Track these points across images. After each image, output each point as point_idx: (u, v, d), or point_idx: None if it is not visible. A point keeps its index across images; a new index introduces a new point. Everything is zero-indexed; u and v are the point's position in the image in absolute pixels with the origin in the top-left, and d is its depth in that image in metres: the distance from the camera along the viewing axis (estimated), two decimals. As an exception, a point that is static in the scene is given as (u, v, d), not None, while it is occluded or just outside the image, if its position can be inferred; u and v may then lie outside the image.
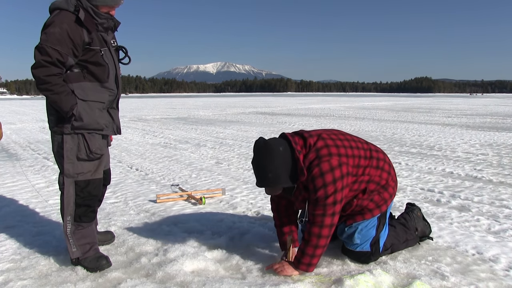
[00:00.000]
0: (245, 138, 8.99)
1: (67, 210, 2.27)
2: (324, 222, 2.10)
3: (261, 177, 2.13)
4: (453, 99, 53.00)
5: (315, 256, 2.14)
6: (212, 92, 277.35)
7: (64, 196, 2.27)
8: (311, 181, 2.12)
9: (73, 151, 2.22)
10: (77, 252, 2.30)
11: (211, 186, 4.47)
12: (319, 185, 2.09)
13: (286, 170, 2.12)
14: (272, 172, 2.09)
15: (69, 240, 2.30)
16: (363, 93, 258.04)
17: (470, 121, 13.35)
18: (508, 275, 2.20)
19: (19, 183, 4.71)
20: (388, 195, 2.38)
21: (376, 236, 2.35)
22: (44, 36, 2.09)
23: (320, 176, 2.09)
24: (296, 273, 2.18)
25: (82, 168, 2.25)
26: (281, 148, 2.13)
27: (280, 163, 2.10)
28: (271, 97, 79.12)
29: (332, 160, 2.12)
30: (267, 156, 2.11)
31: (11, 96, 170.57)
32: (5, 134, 10.35)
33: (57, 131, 2.23)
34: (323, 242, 2.13)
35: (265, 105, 29.09)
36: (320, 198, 2.09)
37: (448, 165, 5.47)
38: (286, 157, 2.13)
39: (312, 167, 2.12)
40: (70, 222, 2.28)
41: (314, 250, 2.13)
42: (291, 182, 2.15)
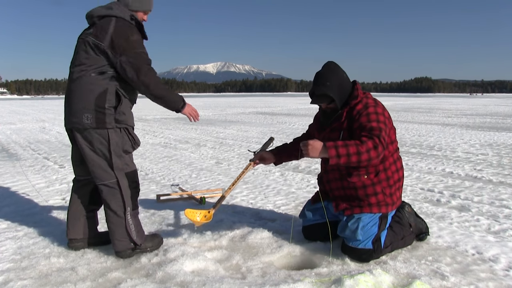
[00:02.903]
0: (245, 138, 8.99)
1: (128, 202, 2.40)
2: (378, 146, 2.20)
3: (320, 83, 2.44)
4: (453, 99, 53.00)
5: (346, 156, 2.16)
6: (212, 92, 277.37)
7: (122, 190, 2.37)
8: (365, 115, 2.35)
9: (118, 145, 2.35)
10: (138, 239, 2.44)
11: (211, 186, 4.47)
12: (373, 119, 2.33)
13: (342, 89, 2.44)
14: (331, 82, 2.42)
15: (131, 230, 2.41)
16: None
17: (470, 121, 13.36)
18: (508, 275, 2.20)
19: (19, 183, 4.71)
20: (391, 201, 2.47)
21: (378, 234, 2.38)
22: (132, 44, 2.26)
23: (375, 113, 2.36)
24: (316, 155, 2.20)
25: (127, 160, 2.43)
26: (345, 75, 2.50)
27: (340, 81, 2.45)
28: (271, 97, 79.12)
29: (385, 113, 2.43)
30: (333, 71, 2.47)
31: (11, 96, 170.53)
32: (5, 134, 10.35)
33: (99, 127, 2.28)
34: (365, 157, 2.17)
35: (265, 105, 29.10)
36: (375, 128, 2.28)
37: (448, 165, 5.47)
38: (346, 83, 2.49)
39: (368, 106, 2.40)
40: (130, 213, 2.41)
41: (354, 153, 2.17)
42: (340, 101, 2.44)
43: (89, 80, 2.28)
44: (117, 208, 2.39)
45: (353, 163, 2.19)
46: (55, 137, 9.55)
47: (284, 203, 3.65)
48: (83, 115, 2.27)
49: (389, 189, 2.45)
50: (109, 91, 2.29)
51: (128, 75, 2.26)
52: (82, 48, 2.32)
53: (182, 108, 2.45)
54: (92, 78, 2.28)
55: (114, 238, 2.42)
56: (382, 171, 2.43)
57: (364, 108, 2.39)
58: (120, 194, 2.38)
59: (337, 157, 2.16)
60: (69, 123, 2.37)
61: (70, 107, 2.35)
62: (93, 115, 2.27)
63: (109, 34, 2.24)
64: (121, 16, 2.31)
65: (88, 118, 2.27)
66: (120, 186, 2.37)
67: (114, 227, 2.41)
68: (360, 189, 2.41)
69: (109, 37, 2.24)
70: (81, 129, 2.31)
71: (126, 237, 2.41)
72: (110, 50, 2.24)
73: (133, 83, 2.30)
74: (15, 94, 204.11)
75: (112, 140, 2.32)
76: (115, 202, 2.39)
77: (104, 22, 2.29)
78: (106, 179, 2.36)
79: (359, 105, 2.41)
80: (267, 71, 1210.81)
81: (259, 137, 9.15)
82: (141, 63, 2.27)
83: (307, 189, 4.17)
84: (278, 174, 5.03)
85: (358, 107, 2.41)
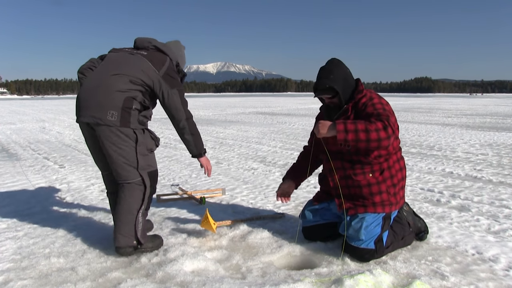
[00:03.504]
0: (245, 138, 9.00)
1: (145, 201, 2.46)
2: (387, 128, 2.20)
3: (324, 76, 2.46)
4: (453, 99, 53.00)
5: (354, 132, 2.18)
6: (212, 92, 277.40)
7: (146, 188, 2.44)
8: (371, 105, 2.38)
9: (143, 145, 2.43)
10: (142, 238, 2.47)
11: (211, 186, 4.47)
12: (380, 108, 2.36)
13: (346, 83, 2.47)
14: (334, 75, 2.44)
15: (138, 229, 2.44)
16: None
17: (470, 121, 13.36)
18: (508, 275, 2.20)
19: (19, 183, 4.71)
20: (395, 200, 2.48)
21: (381, 234, 2.38)
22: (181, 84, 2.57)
23: (381, 104, 2.40)
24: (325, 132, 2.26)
25: (151, 159, 2.50)
26: (348, 71, 2.53)
27: (344, 75, 2.48)
28: (271, 97, 79.12)
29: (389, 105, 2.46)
30: (337, 65, 2.50)
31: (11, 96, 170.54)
32: (5, 134, 10.35)
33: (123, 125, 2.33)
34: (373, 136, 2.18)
35: (265, 105, 29.10)
36: (383, 114, 2.29)
37: (448, 165, 5.47)
38: (350, 78, 2.52)
39: (373, 97, 2.44)
40: (142, 212, 2.46)
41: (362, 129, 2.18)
42: (344, 95, 2.46)
43: (121, 85, 2.36)
44: (133, 205, 2.42)
45: (361, 141, 2.18)
46: (55, 137, 9.55)
47: (284, 203, 3.65)
48: (107, 111, 2.30)
49: (393, 188, 2.46)
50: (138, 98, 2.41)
51: (175, 103, 2.47)
52: (131, 61, 2.45)
53: (203, 155, 2.65)
54: (125, 84, 2.37)
55: (118, 233, 2.42)
56: (387, 169, 2.43)
57: (369, 100, 2.42)
58: (143, 193, 2.44)
59: (344, 131, 2.17)
60: (88, 117, 2.35)
61: (93, 101, 2.34)
62: (118, 113, 2.31)
63: (165, 68, 2.47)
64: (172, 59, 2.59)
65: (114, 116, 2.30)
66: (145, 185, 2.44)
67: (123, 223, 2.42)
68: (365, 187, 2.41)
69: (164, 71, 2.47)
70: (102, 125, 2.31)
71: (132, 234, 2.42)
72: (163, 80, 2.45)
73: (176, 111, 2.48)
74: (15, 94, 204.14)
75: (139, 140, 2.39)
76: (134, 200, 2.42)
77: (160, 55, 2.52)
78: (130, 178, 2.41)
79: (364, 99, 2.44)
80: (267, 71, 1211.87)
81: (259, 137, 9.15)
82: (186, 101, 2.55)
83: (307, 189, 4.17)
84: (278, 174, 5.03)
85: (363, 100, 2.44)
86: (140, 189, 2.43)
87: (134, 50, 2.56)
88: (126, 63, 2.44)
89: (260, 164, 5.73)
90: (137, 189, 2.42)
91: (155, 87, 2.45)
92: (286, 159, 6.13)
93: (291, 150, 6.97)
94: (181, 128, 2.53)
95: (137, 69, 2.41)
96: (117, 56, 2.52)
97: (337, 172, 2.49)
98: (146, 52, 2.52)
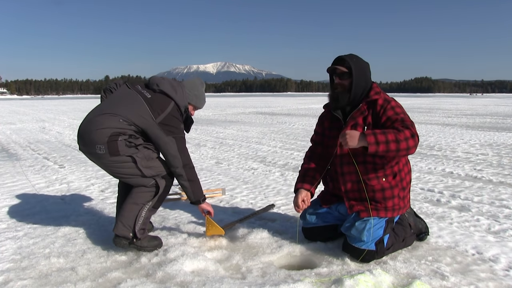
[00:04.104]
0: (245, 138, 8.99)
1: (154, 199, 2.50)
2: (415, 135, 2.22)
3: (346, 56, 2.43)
4: (453, 99, 53.01)
5: (385, 143, 2.14)
6: (212, 92, 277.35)
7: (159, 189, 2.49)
8: (391, 108, 2.35)
9: (143, 159, 2.43)
10: (139, 233, 2.48)
11: (211, 186, 4.47)
12: (399, 112, 2.34)
13: (362, 75, 2.43)
14: (354, 61, 2.41)
15: (138, 222, 2.47)
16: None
17: (470, 121, 13.36)
18: (508, 275, 2.20)
19: (19, 183, 4.71)
20: (403, 205, 2.49)
21: (382, 236, 2.38)
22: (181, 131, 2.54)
23: (399, 107, 2.38)
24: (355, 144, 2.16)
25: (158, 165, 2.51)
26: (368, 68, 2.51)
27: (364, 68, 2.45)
28: (271, 97, 79.13)
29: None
30: (357, 57, 2.47)
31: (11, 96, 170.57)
32: (5, 134, 10.35)
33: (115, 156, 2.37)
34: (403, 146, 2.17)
35: (265, 105, 29.10)
36: (405, 119, 2.30)
37: (448, 165, 5.47)
38: (368, 75, 2.48)
39: (389, 100, 2.41)
40: (148, 208, 2.50)
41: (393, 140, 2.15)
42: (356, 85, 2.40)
43: (112, 124, 2.37)
44: (142, 198, 2.48)
45: (391, 151, 2.15)
46: (55, 137, 9.55)
47: (284, 203, 3.65)
48: (95, 146, 2.37)
49: (402, 192, 2.46)
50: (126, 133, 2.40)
51: (170, 151, 2.46)
52: (130, 103, 2.45)
53: (203, 201, 2.64)
54: (115, 123, 2.38)
55: (119, 220, 2.47)
56: (398, 173, 2.42)
57: (386, 102, 2.38)
58: (156, 191, 2.50)
59: (376, 144, 2.12)
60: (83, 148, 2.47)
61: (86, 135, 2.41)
62: (105, 146, 2.35)
63: (164, 115, 2.45)
64: (179, 104, 2.55)
65: (101, 149, 2.37)
66: (158, 185, 2.49)
67: (127, 212, 2.47)
68: (378, 192, 2.39)
69: (162, 118, 2.45)
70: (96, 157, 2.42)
71: (131, 225, 2.46)
72: (159, 127, 2.44)
73: (173, 158, 2.48)
74: (15, 94, 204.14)
75: (136, 158, 2.41)
76: (145, 194, 2.48)
77: (163, 100, 2.49)
78: (146, 184, 2.48)
79: (380, 100, 2.39)
80: (267, 71, 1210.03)
81: (259, 137, 9.15)
82: (185, 147, 2.54)
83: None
84: (278, 174, 5.03)
85: (379, 101, 2.38)
86: (154, 188, 2.50)
87: (144, 89, 2.56)
88: (125, 104, 2.45)
89: (260, 164, 5.73)
90: (151, 189, 2.50)
91: (149, 132, 2.46)
92: (286, 159, 6.13)
93: (291, 150, 6.97)
94: (178, 175, 2.54)
95: (132, 112, 2.41)
96: (122, 93, 2.55)
97: (350, 176, 2.46)
98: (151, 94, 2.51)
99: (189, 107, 2.69)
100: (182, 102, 2.58)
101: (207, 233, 2.72)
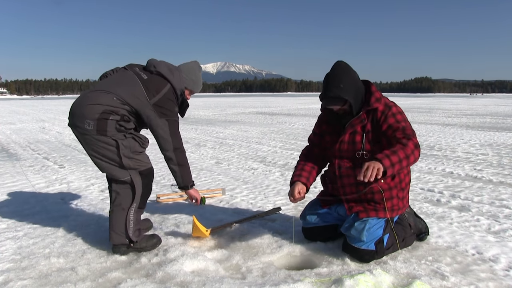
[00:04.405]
0: (245, 138, 8.99)
1: (136, 199, 2.47)
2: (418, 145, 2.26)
3: (333, 85, 2.31)
4: (453, 99, 53.00)
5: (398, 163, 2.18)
6: (212, 92, 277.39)
7: (135, 187, 2.45)
8: (392, 116, 2.33)
9: (127, 148, 2.41)
10: (133, 236, 2.48)
11: (211, 186, 4.47)
12: (401, 119, 2.33)
13: (356, 90, 2.34)
14: (345, 84, 2.30)
15: (129, 227, 2.46)
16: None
17: (470, 121, 13.35)
18: (508, 275, 2.20)
19: (19, 183, 4.71)
20: (402, 205, 2.50)
21: (382, 236, 2.38)
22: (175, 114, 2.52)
23: (401, 113, 2.37)
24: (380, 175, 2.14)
25: (140, 159, 2.50)
26: (357, 75, 2.39)
27: (353, 81, 2.34)
28: (271, 97, 79.13)
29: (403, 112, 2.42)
30: (345, 71, 2.34)
31: (11, 96, 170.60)
32: (5, 134, 10.35)
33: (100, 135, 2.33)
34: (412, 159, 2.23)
35: (265, 105, 29.09)
36: (407, 127, 2.30)
37: (448, 165, 5.47)
38: (360, 84, 2.39)
39: (390, 105, 2.38)
40: (134, 210, 2.48)
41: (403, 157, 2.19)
42: (355, 104, 2.35)
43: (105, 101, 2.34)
44: (124, 202, 2.45)
45: (404, 167, 2.22)
46: (55, 137, 9.55)
47: (284, 203, 3.65)
48: (85, 120, 2.32)
49: (401, 193, 2.46)
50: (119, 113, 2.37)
51: (162, 133, 2.47)
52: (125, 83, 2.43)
53: (191, 187, 2.65)
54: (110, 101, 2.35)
55: (112, 230, 2.46)
56: (397, 174, 2.42)
57: (387, 108, 2.35)
58: (132, 190, 2.46)
59: (391, 166, 2.16)
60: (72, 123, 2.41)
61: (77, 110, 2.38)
62: (94, 122, 2.31)
63: (158, 97, 2.44)
64: (175, 87, 2.52)
65: (90, 125, 2.32)
66: (133, 183, 2.44)
67: (115, 220, 2.45)
68: (377, 193, 2.39)
69: (157, 100, 2.43)
70: (81, 132, 2.36)
71: (123, 231, 2.45)
72: (153, 108, 2.43)
73: (164, 141, 2.49)
74: (15, 94, 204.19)
75: (120, 145, 2.37)
76: (124, 197, 2.46)
77: (160, 82, 2.47)
78: (120, 177, 2.43)
79: (381, 106, 2.35)
80: (267, 71, 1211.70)
81: (259, 137, 9.15)
82: (177, 130, 2.54)
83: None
84: (278, 174, 5.03)
85: (380, 108, 2.35)
86: (129, 187, 2.45)
87: (141, 70, 2.53)
88: (121, 84, 2.43)
89: (260, 164, 5.73)
90: (127, 188, 2.45)
91: (141, 113, 2.44)
92: (286, 159, 6.13)
93: (291, 150, 6.97)
94: (168, 158, 2.53)
95: (127, 92, 2.39)
96: (119, 74, 2.53)
97: (348, 179, 2.46)
98: (147, 76, 2.48)
99: (185, 92, 2.67)
100: (178, 86, 2.55)
101: (193, 234, 2.73)
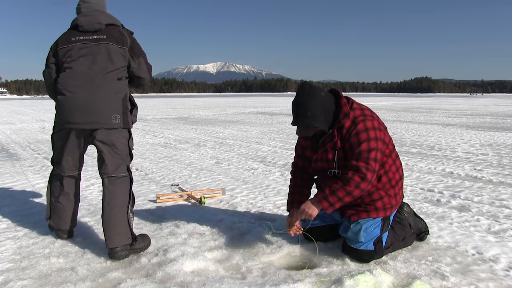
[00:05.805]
0: (245, 138, 9.00)
1: (131, 194, 2.53)
2: (366, 175, 2.22)
3: (300, 114, 2.29)
4: (453, 99, 53.01)
5: (339, 201, 2.25)
6: (212, 92, 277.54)
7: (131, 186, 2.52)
8: (355, 135, 2.27)
9: (132, 140, 2.57)
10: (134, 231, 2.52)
11: (211, 186, 4.47)
12: (363, 139, 2.25)
13: (324, 113, 2.30)
14: (312, 111, 2.26)
15: (131, 223, 2.50)
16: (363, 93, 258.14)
17: (470, 121, 13.36)
18: (508, 275, 2.20)
19: (19, 183, 4.71)
20: (395, 202, 2.48)
21: (380, 235, 2.38)
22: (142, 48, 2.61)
23: (365, 130, 2.26)
24: (317, 212, 2.28)
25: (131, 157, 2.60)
26: (323, 94, 2.31)
27: (320, 105, 2.28)
28: (271, 97, 79.16)
29: (374, 122, 2.32)
30: (310, 94, 2.29)
31: (11, 96, 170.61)
32: (5, 134, 10.35)
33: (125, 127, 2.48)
34: (357, 193, 2.25)
35: (265, 105, 29.10)
36: (364, 151, 2.24)
37: (448, 165, 5.47)
38: (328, 103, 2.32)
39: (357, 121, 2.29)
40: (131, 204, 2.52)
41: (344, 195, 2.24)
42: (327, 126, 2.33)
43: (114, 85, 2.44)
44: (123, 200, 2.46)
45: (349, 202, 2.29)
46: (55, 137, 9.55)
47: (284, 203, 3.65)
48: (111, 115, 2.41)
49: (392, 190, 2.45)
50: (127, 96, 2.53)
51: (142, 73, 2.58)
52: (103, 52, 2.43)
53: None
54: (116, 83, 2.45)
55: (113, 233, 2.40)
56: (384, 175, 2.41)
57: (353, 125, 2.29)
58: (129, 185, 2.51)
59: (330, 205, 2.26)
60: (91, 123, 2.39)
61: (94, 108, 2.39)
62: (121, 116, 2.44)
63: (128, 40, 2.51)
64: (118, 23, 2.58)
65: (117, 119, 2.43)
66: (131, 180, 2.53)
67: (116, 220, 2.43)
68: (366, 197, 2.39)
69: (128, 43, 2.51)
70: (107, 129, 2.42)
71: (127, 230, 2.44)
72: (130, 52, 2.51)
73: (143, 79, 2.62)
74: (15, 94, 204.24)
75: (130, 139, 2.54)
76: (122, 195, 2.47)
77: (114, 30, 2.50)
78: (119, 172, 2.48)
79: (348, 122, 2.30)
80: (267, 71, 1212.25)
81: (259, 137, 9.15)
82: (149, 64, 2.66)
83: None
84: (278, 174, 5.03)
85: (346, 124, 2.30)
86: (126, 182, 2.51)
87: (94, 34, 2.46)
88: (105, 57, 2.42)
89: (260, 164, 5.73)
90: (124, 183, 2.50)
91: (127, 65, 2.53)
92: (286, 159, 6.13)
93: (291, 150, 6.97)
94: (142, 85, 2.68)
95: (117, 59, 2.45)
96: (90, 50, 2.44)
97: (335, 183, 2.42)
98: (104, 35, 2.47)
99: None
100: (118, 21, 2.60)
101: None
